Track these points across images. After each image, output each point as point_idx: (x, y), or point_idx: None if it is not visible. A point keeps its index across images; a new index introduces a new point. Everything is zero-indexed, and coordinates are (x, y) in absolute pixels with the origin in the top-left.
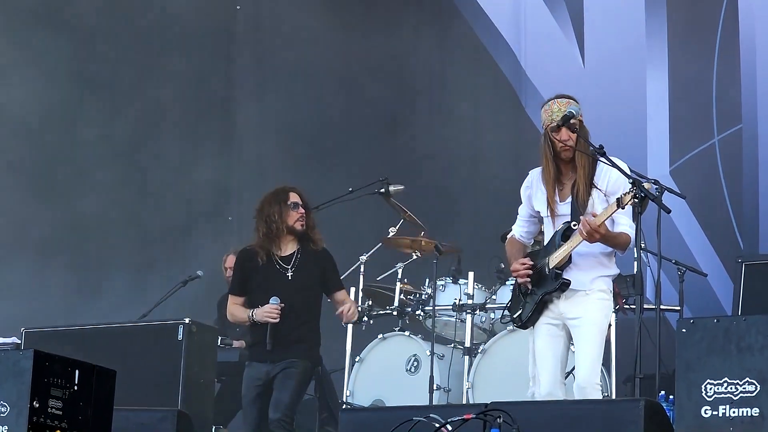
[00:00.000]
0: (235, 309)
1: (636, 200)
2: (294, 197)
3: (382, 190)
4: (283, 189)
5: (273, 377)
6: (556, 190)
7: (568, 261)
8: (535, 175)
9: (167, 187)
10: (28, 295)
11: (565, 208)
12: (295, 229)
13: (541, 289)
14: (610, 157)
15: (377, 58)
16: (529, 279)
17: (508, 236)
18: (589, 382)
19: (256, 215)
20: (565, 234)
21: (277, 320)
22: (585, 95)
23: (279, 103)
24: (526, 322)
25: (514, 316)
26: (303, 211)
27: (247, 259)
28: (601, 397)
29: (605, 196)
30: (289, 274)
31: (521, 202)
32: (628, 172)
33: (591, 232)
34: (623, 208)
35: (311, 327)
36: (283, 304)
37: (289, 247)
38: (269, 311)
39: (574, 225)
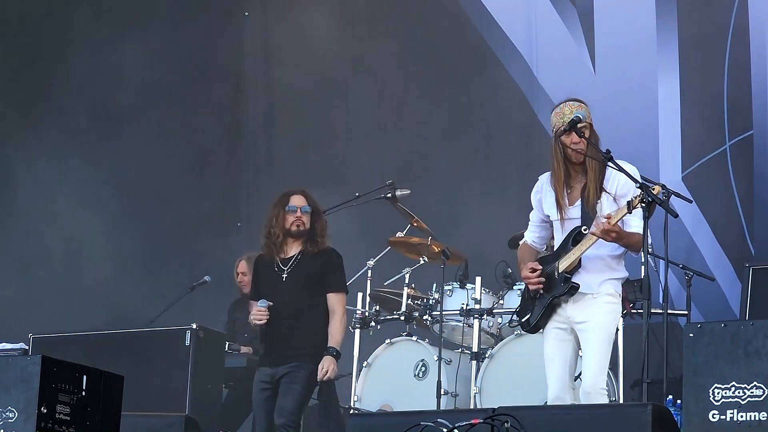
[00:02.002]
0: None
1: (643, 204)
2: (295, 200)
3: (389, 194)
4: (287, 193)
5: (278, 380)
6: (566, 194)
7: (577, 265)
8: (544, 180)
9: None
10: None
11: (574, 212)
12: (291, 232)
13: (550, 292)
14: (618, 162)
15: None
16: (541, 285)
17: (521, 242)
18: (595, 387)
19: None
20: (576, 239)
21: (263, 322)
22: (596, 102)
23: (288, 104)
24: (534, 326)
25: (523, 320)
26: (300, 214)
27: (257, 264)
28: (607, 402)
29: (614, 199)
30: (284, 275)
31: (532, 208)
32: (636, 176)
33: (605, 231)
34: (630, 213)
35: (313, 328)
36: (271, 303)
37: (292, 250)
38: (255, 313)
39: (585, 229)
